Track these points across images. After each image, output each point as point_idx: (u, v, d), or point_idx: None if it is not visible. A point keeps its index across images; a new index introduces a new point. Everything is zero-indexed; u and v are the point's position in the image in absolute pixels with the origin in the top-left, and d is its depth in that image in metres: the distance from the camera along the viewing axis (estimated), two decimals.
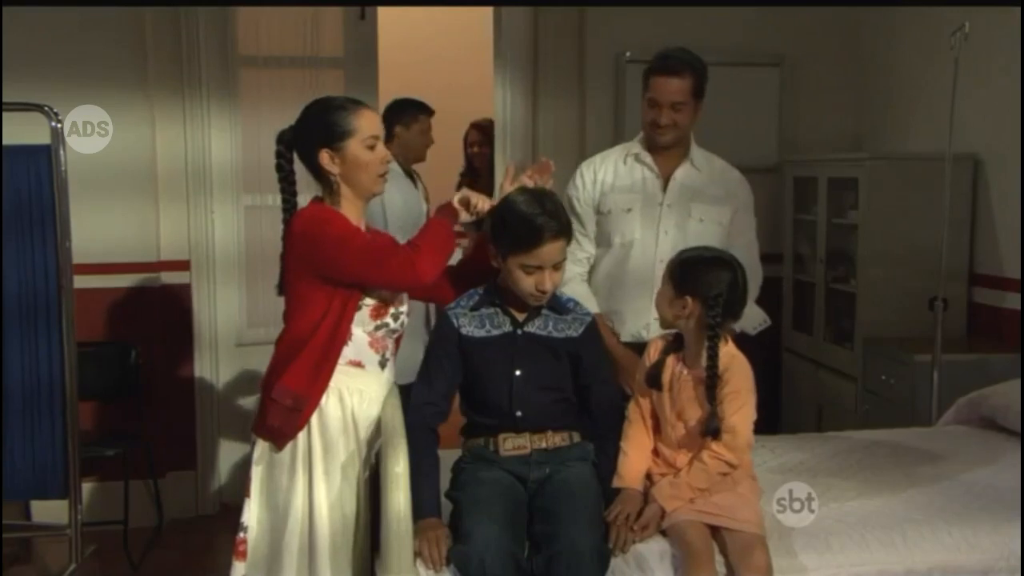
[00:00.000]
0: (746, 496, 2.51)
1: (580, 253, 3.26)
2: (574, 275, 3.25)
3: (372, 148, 2.47)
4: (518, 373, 2.59)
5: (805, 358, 4.76)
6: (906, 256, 4.19)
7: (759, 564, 2.38)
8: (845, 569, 2.48)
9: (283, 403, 2.43)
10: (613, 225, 3.18)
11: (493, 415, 2.61)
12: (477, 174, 5.21)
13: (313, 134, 2.46)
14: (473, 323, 2.61)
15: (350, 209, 2.50)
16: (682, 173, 3.15)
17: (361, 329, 2.48)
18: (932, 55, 4.27)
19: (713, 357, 2.48)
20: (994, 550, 2.55)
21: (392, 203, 3.90)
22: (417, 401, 2.59)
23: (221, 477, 4.63)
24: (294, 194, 2.53)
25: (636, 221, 3.15)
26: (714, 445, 2.48)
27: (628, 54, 4.61)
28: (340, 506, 2.47)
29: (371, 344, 2.52)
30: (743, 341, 3.15)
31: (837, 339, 4.55)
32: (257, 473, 2.48)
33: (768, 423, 2.67)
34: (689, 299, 2.51)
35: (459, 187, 4.64)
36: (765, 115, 4.91)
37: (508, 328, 2.61)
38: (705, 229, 3.06)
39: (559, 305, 2.64)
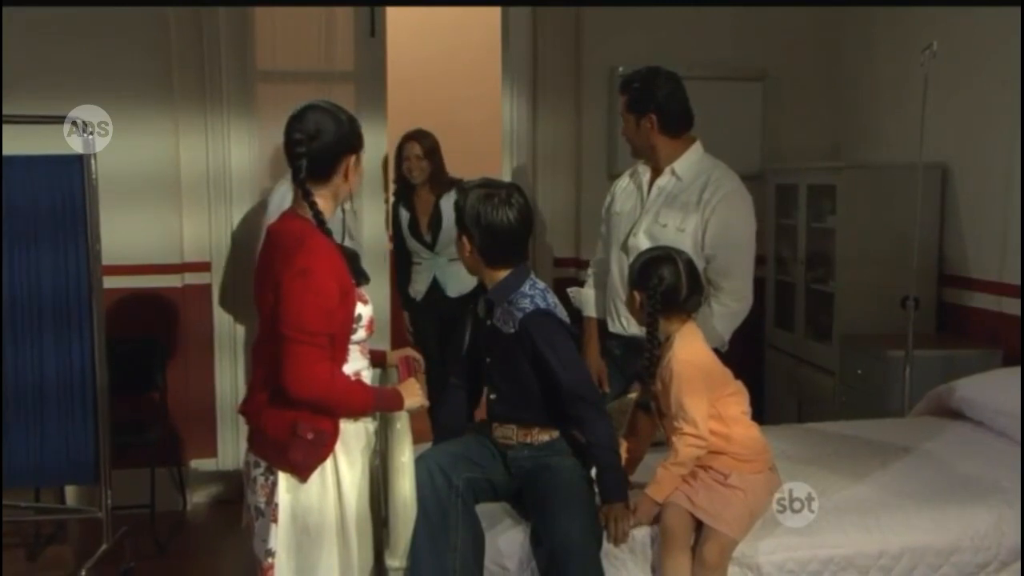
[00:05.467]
0: (737, 496, 2.50)
1: (601, 255, 3.37)
2: (590, 276, 3.37)
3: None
4: (488, 360, 2.64)
5: (787, 354, 4.78)
6: (880, 258, 4.20)
7: (709, 559, 2.41)
8: (824, 551, 2.52)
9: (304, 437, 2.28)
10: (610, 228, 3.29)
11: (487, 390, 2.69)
12: (411, 188, 4.51)
13: (348, 138, 2.36)
14: (482, 308, 2.68)
15: (329, 214, 2.39)
16: (662, 182, 3.19)
17: (356, 343, 2.40)
18: (904, 71, 4.30)
19: (651, 338, 2.54)
20: (960, 531, 2.59)
21: None
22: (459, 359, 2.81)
23: (241, 464, 4.64)
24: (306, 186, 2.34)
25: (620, 225, 3.24)
26: (683, 427, 2.50)
27: (621, 69, 4.63)
28: (368, 508, 2.41)
29: (362, 351, 2.44)
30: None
31: (816, 336, 4.57)
32: (286, 502, 2.31)
33: (752, 415, 2.69)
34: (636, 293, 2.57)
35: (395, 205, 4.58)
36: (749, 126, 4.92)
37: (483, 318, 2.64)
38: (667, 233, 3.08)
39: (507, 298, 2.57)
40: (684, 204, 3.12)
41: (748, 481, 2.52)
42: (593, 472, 2.57)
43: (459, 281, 4.33)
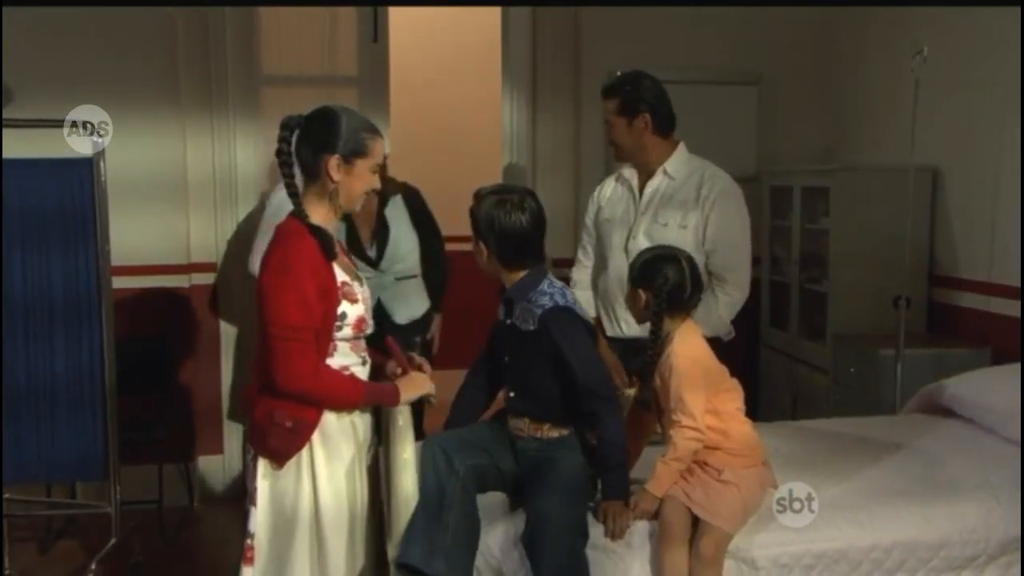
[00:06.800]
0: (731, 490, 2.51)
1: (587, 261, 3.37)
2: (578, 281, 3.35)
3: (374, 173, 2.43)
4: (507, 359, 2.66)
5: (781, 352, 4.80)
6: (872, 259, 4.21)
7: (705, 553, 2.42)
8: (817, 545, 2.53)
9: (283, 425, 2.32)
10: (601, 235, 3.29)
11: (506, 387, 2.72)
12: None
13: (330, 138, 2.35)
14: (502, 308, 2.69)
15: (332, 216, 2.42)
16: (655, 183, 3.19)
17: (343, 340, 2.41)
18: (895, 76, 4.31)
19: (654, 335, 2.56)
20: (949, 526, 2.60)
21: None
22: (476, 359, 2.81)
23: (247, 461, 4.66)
24: (293, 176, 2.38)
25: (615, 230, 3.22)
26: (682, 420, 2.52)
27: (619, 73, 4.64)
28: (346, 500, 2.41)
29: (352, 348, 2.44)
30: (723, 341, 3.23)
31: (810, 335, 4.58)
32: (264, 487, 2.38)
33: (747, 412, 2.70)
34: (641, 292, 2.59)
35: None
36: (744, 129, 4.94)
37: (503, 318, 2.66)
38: (668, 232, 3.09)
39: (526, 297, 2.59)
40: (682, 202, 3.14)
41: (741, 476, 2.54)
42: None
43: (408, 304, 3.83)
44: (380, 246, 3.79)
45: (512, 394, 2.66)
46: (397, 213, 3.83)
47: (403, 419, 2.45)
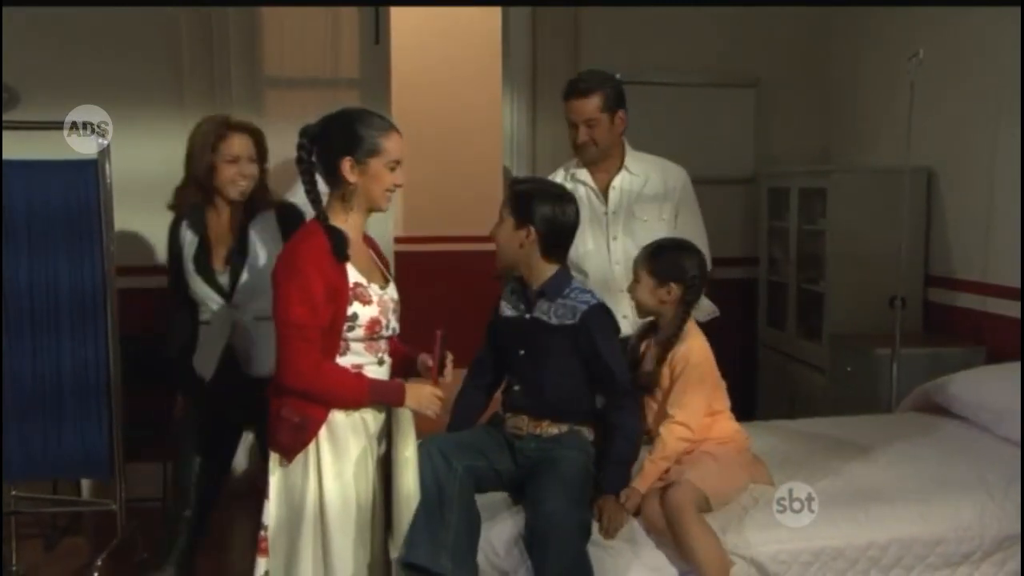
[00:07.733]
0: (706, 457, 2.55)
1: None
2: None
3: (392, 170, 2.42)
4: (521, 352, 2.67)
5: (778, 352, 4.81)
6: (869, 259, 4.23)
7: (674, 501, 2.43)
8: (815, 542, 2.54)
9: (291, 420, 2.36)
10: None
11: (509, 383, 2.73)
12: (209, 201, 3.06)
13: (342, 141, 2.37)
14: (508, 303, 2.71)
15: (356, 218, 2.44)
16: (620, 181, 3.18)
17: (356, 340, 2.42)
18: (891, 78, 4.33)
19: (681, 326, 2.61)
20: (944, 523, 2.62)
21: None
22: (475, 359, 2.83)
23: (249, 460, 4.66)
24: (315, 184, 2.40)
25: (586, 232, 3.13)
26: (676, 415, 2.56)
27: (618, 75, 4.65)
28: (352, 497, 2.42)
29: (367, 348, 2.45)
30: (718, 332, 3.23)
31: (807, 335, 4.59)
32: (274, 480, 2.42)
33: (744, 411, 2.72)
34: (673, 285, 2.61)
35: (175, 224, 3.16)
36: (742, 131, 4.95)
37: (522, 311, 2.68)
38: (650, 227, 3.10)
39: (561, 293, 2.63)
40: (654, 196, 3.16)
41: (719, 449, 2.59)
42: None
43: (268, 353, 2.49)
44: (235, 273, 2.94)
45: (516, 387, 2.68)
46: (265, 235, 2.98)
47: (404, 418, 2.46)
